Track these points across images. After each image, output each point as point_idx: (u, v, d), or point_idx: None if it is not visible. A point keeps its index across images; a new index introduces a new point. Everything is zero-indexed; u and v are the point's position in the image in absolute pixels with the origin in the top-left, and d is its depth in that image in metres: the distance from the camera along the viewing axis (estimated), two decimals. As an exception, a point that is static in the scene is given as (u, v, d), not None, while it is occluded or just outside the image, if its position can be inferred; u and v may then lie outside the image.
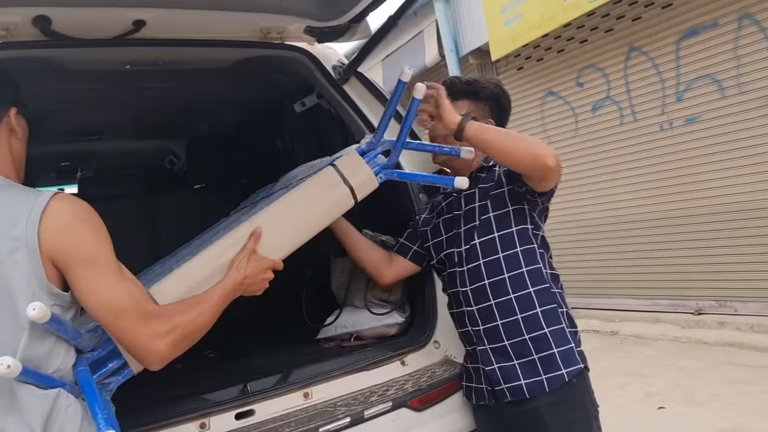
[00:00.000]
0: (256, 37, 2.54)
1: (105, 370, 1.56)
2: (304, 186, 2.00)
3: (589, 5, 6.46)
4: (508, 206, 2.05)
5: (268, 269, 1.72)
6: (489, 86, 2.22)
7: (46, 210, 1.33)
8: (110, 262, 1.40)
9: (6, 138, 1.50)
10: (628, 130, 6.84)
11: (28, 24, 2.07)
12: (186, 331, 1.45)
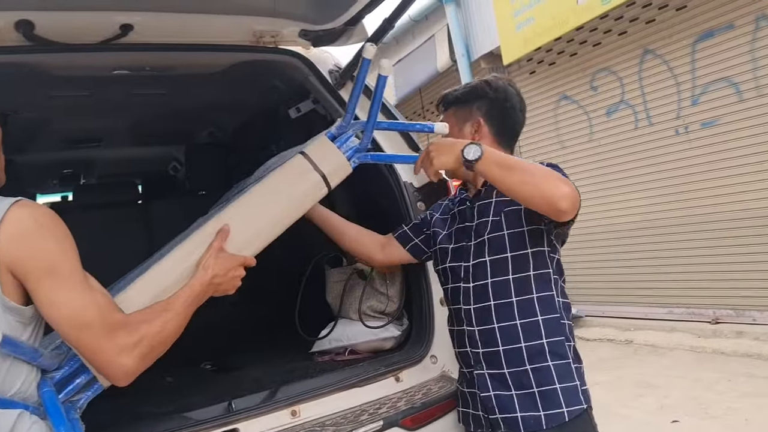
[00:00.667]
0: (250, 41, 2.48)
1: (73, 386, 1.49)
2: (273, 177, 1.91)
3: (602, 8, 6.35)
4: (523, 225, 1.89)
5: (238, 266, 1.64)
6: (475, 85, 2.09)
7: (6, 217, 1.25)
8: (74, 272, 1.32)
9: None
10: (642, 135, 6.70)
11: (10, 29, 2.02)
12: (153, 343, 1.38)
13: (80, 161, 4.14)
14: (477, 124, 2.02)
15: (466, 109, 2.05)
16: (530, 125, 8.12)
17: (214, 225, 1.73)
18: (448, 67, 8.98)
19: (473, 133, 2.02)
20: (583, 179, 7.45)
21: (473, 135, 2.01)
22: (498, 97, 2.04)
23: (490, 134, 2.03)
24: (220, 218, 1.75)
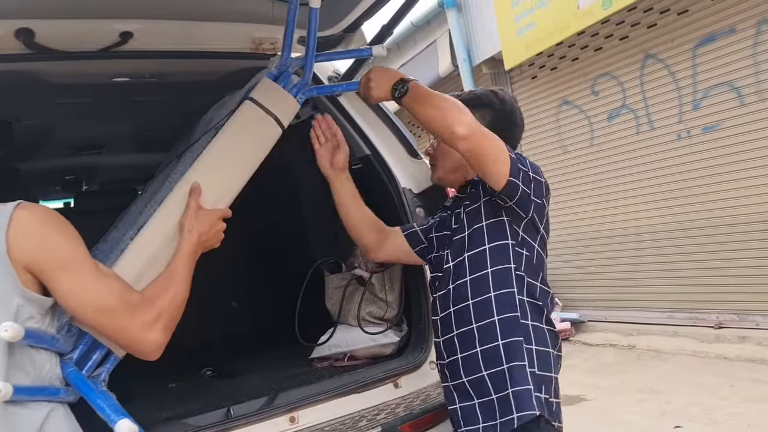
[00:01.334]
0: (249, 48, 2.49)
1: (91, 362, 1.54)
2: (229, 128, 1.94)
3: (603, 12, 6.35)
4: (482, 220, 1.84)
5: (218, 220, 1.72)
6: (482, 93, 2.06)
7: (12, 221, 1.31)
8: (85, 262, 1.38)
9: None
10: (644, 139, 6.69)
11: (11, 37, 2.03)
12: (170, 313, 1.47)
13: (82, 168, 4.16)
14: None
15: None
16: (532, 130, 8.14)
17: (184, 187, 1.76)
18: (449, 72, 9.00)
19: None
20: (584, 184, 7.46)
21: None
22: (504, 109, 2.01)
23: None
24: (188, 179, 1.79)
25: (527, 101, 8.24)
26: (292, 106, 2.05)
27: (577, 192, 7.61)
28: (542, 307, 1.85)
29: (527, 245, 1.86)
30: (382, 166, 2.54)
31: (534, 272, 1.87)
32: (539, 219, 1.88)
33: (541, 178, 1.86)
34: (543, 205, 1.86)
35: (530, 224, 1.87)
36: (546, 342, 1.81)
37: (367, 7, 2.27)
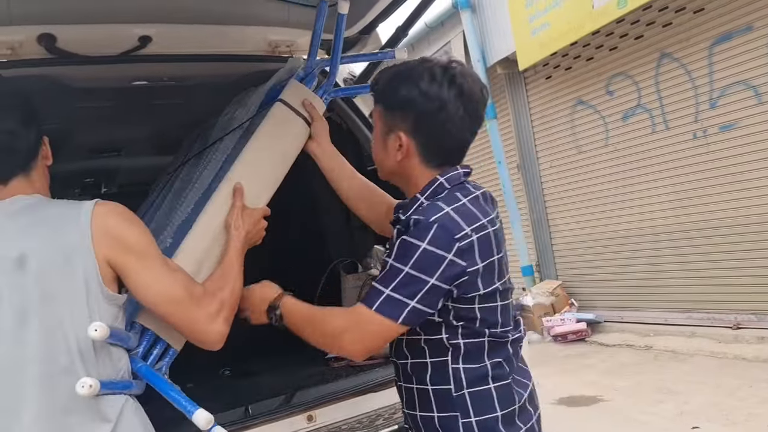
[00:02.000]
0: (265, 51, 2.52)
1: (153, 357, 1.62)
2: (263, 130, 2.00)
3: (618, 12, 6.32)
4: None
5: (260, 218, 1.81)
6: (402, 84, 1.53)
7: (94, 216, 1.38)
8: (159, 255, 1.47)
9: (43, 165, 1.54)
10: (660, 139, 6.66)
11: (33, 42, 2.08)
12: (231, 305, 1.55)
13: (101, 170, 4.20)
14: (399, 140, 1.54)
15: (389, 116, 1.57)
16: (546, 130, 8.13)
17: (227, 186, 1.84)
18: (463, 73, 8.99)
19: (397, 150, 1.55)
20: (600, 184, 7.42)
21: (396, 154, 1.56)
22: (429, 108, 1.49)
23: (418, 153, 1.55)
24: (230, 178, 1.86)
25: (542, 101, 8.23)
26: (319, 107, 2.10)
27: (591, 192, 7.58)
28: (482, 370, 1.51)
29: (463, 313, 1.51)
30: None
31: (472, 333, 1.52)
32: (469, 288, 1.47)
33: (457, 261, 1.42)
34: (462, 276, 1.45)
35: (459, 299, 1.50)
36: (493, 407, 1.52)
37: (382, 9, 2.30)
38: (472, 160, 9.74)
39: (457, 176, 1.56)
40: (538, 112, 8.35)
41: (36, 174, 1.50)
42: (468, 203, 1.49)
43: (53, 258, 1.35)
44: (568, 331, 7.29)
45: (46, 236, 1.37)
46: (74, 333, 1.34)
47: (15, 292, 1.33)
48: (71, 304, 1.35)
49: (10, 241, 1.35)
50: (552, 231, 8.42)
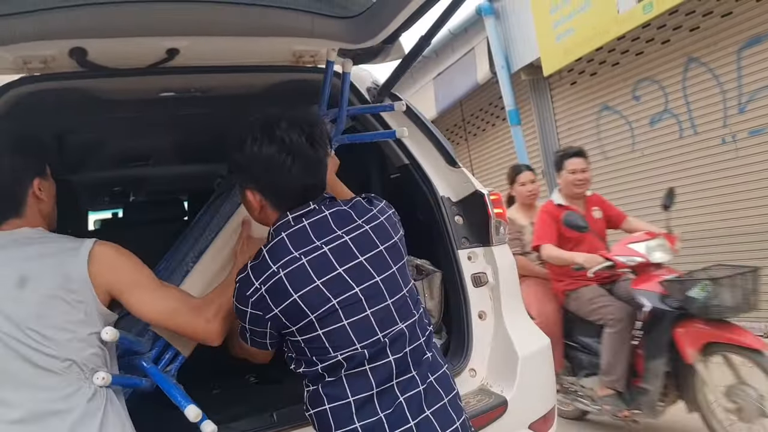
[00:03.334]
0: (289, 62, 2.55)
1: (164, 361, 1.91)
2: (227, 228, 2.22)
3: (644, 17, 6.27)
4: None
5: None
6: (233, 154, 1.70)
7: (92, 255, 1.62)
8: (152, 280, 1.73)
9: (35, 203, 1.72)
10: (688, 144, 6.57)
11: (65, 56, 2.13)
12: (227, 308, 1.74)
13: (129, 179, 4.28)
14: (251, 195, 1.69)
15: (238, 177, 1.76)
16: (571, 136, 8.07)
17: (237, 218, 2.13)
18: (488, 79, 8.99)
19: (255, 206, 1.71)
20: (626, 190, 7.35)
21: (256, 208, 1.71)
22: (256, 168, 1.64)
23: (269, 204, 1.69)
24: (240, 212, 2.12)
25: (567, 107, 8.17)
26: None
27: (617, 198, 7.48)
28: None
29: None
30: (420, 175, 2.57)
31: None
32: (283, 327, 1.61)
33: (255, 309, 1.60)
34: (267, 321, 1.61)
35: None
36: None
37: (406, 19, 2.31)
38: (496, 165, 9.72)
39: (286, 223, 1.65)
40: (563, 118, 8.30)
41: (30, 213, 1.70)
42: (266, 253, 1.60)
43: (53, 280, 1.55)
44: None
45: (47, 262, 1.58)
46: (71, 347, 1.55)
47: (14, 308, 1.50)
48: (65, 320, 1.55)
49: (13, 264, 1.56)
50: (578, 237, 8.34)
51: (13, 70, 2.15)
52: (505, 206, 2.73)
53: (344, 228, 1.63)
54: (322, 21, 2.38)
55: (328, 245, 1.59)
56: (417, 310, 1.69)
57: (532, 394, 2.32)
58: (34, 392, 1.48)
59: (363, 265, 1.60)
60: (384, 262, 1.63)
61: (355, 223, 1.64)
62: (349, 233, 1.62)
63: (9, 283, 1.52)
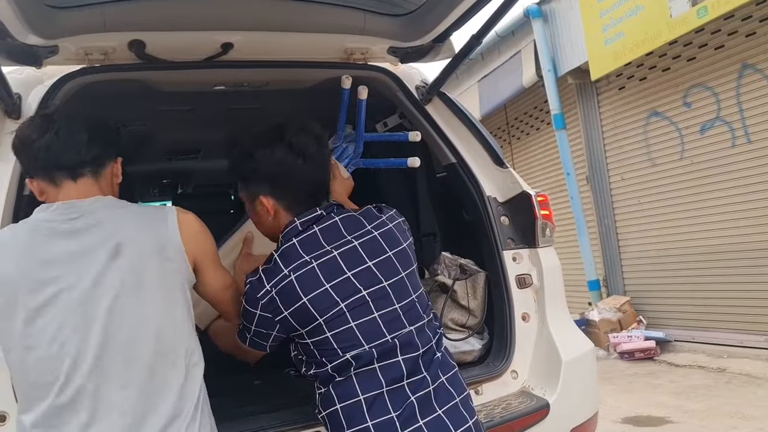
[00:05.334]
0: (340, 58, 2.57)
1: None
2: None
3: (698, 21, 6.13)
4: None
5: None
6: (235, 161, 1.84)
7: (180, 222, 1.60)
8: (218, 256, 1.76)
9: (111, 179, 1.68)
10: (740, 153, 6.39)
11: (125, 48, 2.20)
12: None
13: (179, 172, 4.36)
14: (263, 205, 1.77)
15: (248, 188, 1.81)
16: (617, 141, 7.94)
17: (240, 234, 2.21)
18: (534, 82, 8.90)
19: (268, 214, 1.77)
20: (675, 198, 7.20)
21: (269, 216, 1.78)
22: (266, 171, 1.74)
23: (282, 208, 1.76)
24: (243, 229, 2.23)
25: (614, 112, 8.04)
26: (341, 170, 2.33)
27: (665, 206, 7.35)
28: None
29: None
30: (467, 175, 2.56)
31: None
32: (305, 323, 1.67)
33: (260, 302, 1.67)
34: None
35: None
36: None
37: (457, 18, 2.31)
38: (540, 170, 9.62)
39: (294, 228, 1.72)
40: (609, 123, 8.16)
41: (104, 183, 1.63)
42: (278, 258, 1.66)
43: (148, 246, 1.52)
44: (636, 349, 7.07)
45: (139, 229, 1.54)
46: (167, 313, 1.53)
47: (110, 276, 1.46)
48: (163, 290, 1.52)
49: (107, 230, 1.50)
50: (621, 245, 8.20)
51: (75, 61, 2.22)
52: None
53: (354, 233, 1.70)
54: (374, 18, 2.40)
55: (338, 250, 1.67)
56: (427, 314, 1.75)
57: (574, 399, 2.29)
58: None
59: (371, 270, 1.67)
60: (392, 267, 1.70)
61: (365, 229, 1.72)
62: (358, 239, 1.70)
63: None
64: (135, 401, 1.43)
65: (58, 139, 1.53)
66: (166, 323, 1.51)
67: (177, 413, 1.47)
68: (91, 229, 1.50)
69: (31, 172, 1.59)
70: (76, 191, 1.56)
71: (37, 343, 1.42)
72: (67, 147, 1.54)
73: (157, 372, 1.47)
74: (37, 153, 1.54)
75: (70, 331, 1.42)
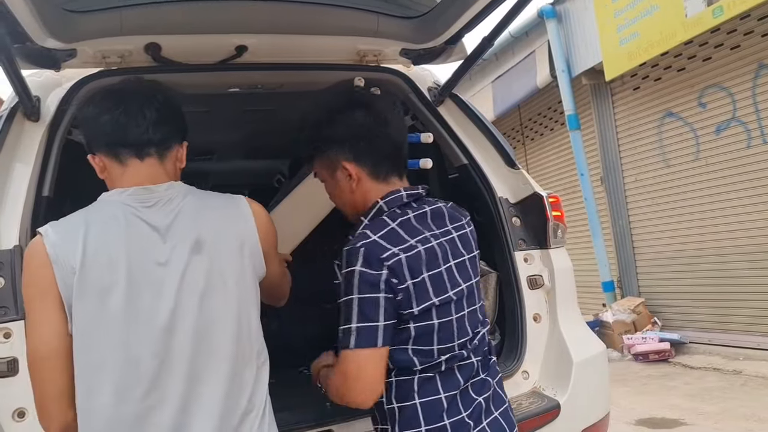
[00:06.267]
0: (353, 60, 2.59)
1: None
2: (297, 191, 2.49)
3: (714, 21, 6.09)
4: None
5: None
6: (317, 126, 1.74)
7: (254, 213, 1.58)
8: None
9: (176, 163, 1.59)
10: (756, 153, 6.35)
11: (141, 51, 2.23)
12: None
13: (194, 173, 4.39)
14: (347, 170, 1.68)
15: (329, 158, 1.71)
16: (632, 142, 7.91)
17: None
18: (547, 83, 8.88)
19: (347, 180, 1.69)
20: (688, 199, 7.16)
21: (349, 184, 1.69)
22: (348, 135, 1.67)
23: (366, 174, 1.68)
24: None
25: (628, 113, 8.01)
26: None
27: (680, 207, 7.31)
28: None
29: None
30: (479, 176, 2.57)
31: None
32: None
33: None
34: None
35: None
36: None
37: (469, 20, 2.32)
38: (554, 171, 9.58)
39: (397, 199, 1.65)
40: (624, 124, 8.13)
41: (169, 166, 1.55)
42: (396, 226, 1.57)
43: (229, 243, 1.49)
44: (650, 351, 7.03)
45: (219, 223, 1.51)
46: (243, 312, 1.49)
47: (193, 273, 1.43)
48: (240, 288, 1.49)
49: (186, 223, 1.46)
50: (636, 246, 8.16)
51: (93, 64, 2.26)
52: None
53: (440, 229, 1.65)
54: (387, 21, 2.42)
55: (435, 240, 1.61)
56: (485, 319, 1.74)
57: (585, 400, 2.29)
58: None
59: (452, 269, 1.62)
60: (469, 269, 1.68)
61: (447, 228, 1.67)
62: (443, 235, 1.64)
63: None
64: (218, 399, 1.41)
65: (127, 115, 1.48)
66: (242, 323, 1.48)
67: (250, 409, 1.47)
68: (171, 222, 1.45)
69: (94, 147, 1.52)
70: (144, 172, 1.49)
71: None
72: (135, 124, 1.48)
73: (236, 373, 1.45)
74: (103, 128, 1.48)
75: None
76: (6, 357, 1.74)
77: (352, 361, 1.50)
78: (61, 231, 1.41)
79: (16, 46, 1.92)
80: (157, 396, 1.36)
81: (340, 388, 1.57)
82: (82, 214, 1.45)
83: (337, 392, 1.61)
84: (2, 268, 1.80)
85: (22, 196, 1.96)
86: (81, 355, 1.36)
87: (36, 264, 1.39)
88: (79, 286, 1.35)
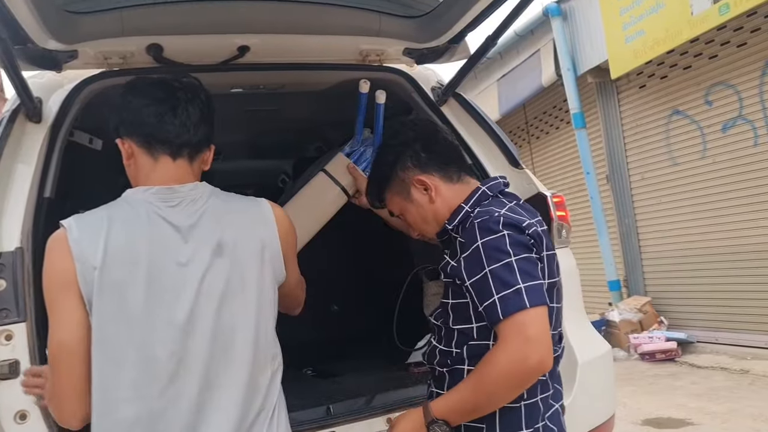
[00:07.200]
0: (356, 60, 2.57)
1: None
2: (302, 193, 2.48)
3: (720, 18, 6.05)
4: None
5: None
6: (385, 156, 1.79)
7: (275, 216, 1.57)
8: None
9: (200, 166, 1.56)
10: (763, 151, 6.31)
11: (143, 52, 2.22)
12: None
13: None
14: (422, 184, 1.70)
15: (398, 182, 1.75)
16: (638, 141, 7.87)
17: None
18: (553, 81, 8.85)
19: (424, 193, 1.70)
20: (696, 198, 7.12)
21: (427, 196, 1.70)
22: (414, 139, 1.74)
23: (441, 181, 1.71)
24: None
25: (634, 111, 7.97)
26: (359, 178, 2.42)
27: (686, 206, 7.27)
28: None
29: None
30: (482, 175, 2.55)
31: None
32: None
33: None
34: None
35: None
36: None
37: (472, 18, 2.30)
38: (559, 169, 9.55)
39: (498, 185, 1.70)
40: (630, 122, 8.09)
41: (196, 167, 1.54)
42: (515, 205, 1.60)
43: (250, 247, 1.48)
44: (657, 350, 7.00)
45: (241, 226, 1.49)
46: (262, 318, 1.48)
47: (214, 276, 1.42)
48: (259, 292, 1.48)
49: (209, 225, 1.44)
50: (642, 245, 8.12)
51: (94, 65, 2.25)
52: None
53: (536, 218, 1.66)
54: (389, 20, 2.41)
55: (540, 226, 1.62)
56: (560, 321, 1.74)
57: (591, 401, 2.27)
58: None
59: (553, 260, 1.63)
60: (559, 293, 1.68)
61: (539, 218, 1.69)
62: (539, 224, 1.63)
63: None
64: (235, 403, 1.41)
65: (173, 113, 1.46)
66: (260, 329, 1.47)
67: (261, 409, 1.46)
68: (195, 223, 1.43)
69: (126, 133, 1.49)
70: (173, 171, 1.47)
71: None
72: (179, 123, 1.46)
73: (252, 378, 1.44)
74: (146, 118, 1.45)
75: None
76: (8, 359, 1.73)
77: (533, 321, 1.41)
78: (84, 227, 1.40)
79: (17, 48, 1.91)
80: (174, 394, 1.37)
81: (514, 366, 1.40)
82: (105, 210, 1.44)
83: (500, 379, 1.43)
84: (3, 270, 1.79)
85: (24, 198, 1.95)
86: (99, 351, 1.36)
87: (59, 258, 1.39)
88: (99, 283, 1.35)
